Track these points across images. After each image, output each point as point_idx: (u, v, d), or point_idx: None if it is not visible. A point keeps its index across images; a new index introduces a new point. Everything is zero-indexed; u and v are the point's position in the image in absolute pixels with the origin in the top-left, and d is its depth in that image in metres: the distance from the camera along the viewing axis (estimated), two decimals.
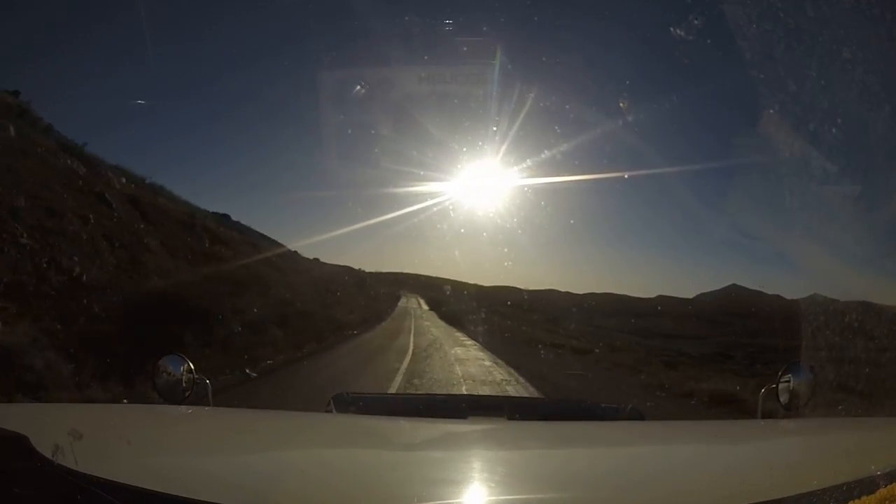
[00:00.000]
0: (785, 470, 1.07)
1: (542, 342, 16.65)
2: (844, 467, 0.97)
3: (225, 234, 16.85)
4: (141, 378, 5.41)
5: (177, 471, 0.99)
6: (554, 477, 1.04)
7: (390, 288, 28.95)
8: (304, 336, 11.98)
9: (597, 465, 1.18)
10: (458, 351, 14.13)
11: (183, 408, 1.56)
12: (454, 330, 20.03)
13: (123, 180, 13.94)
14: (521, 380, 9.83)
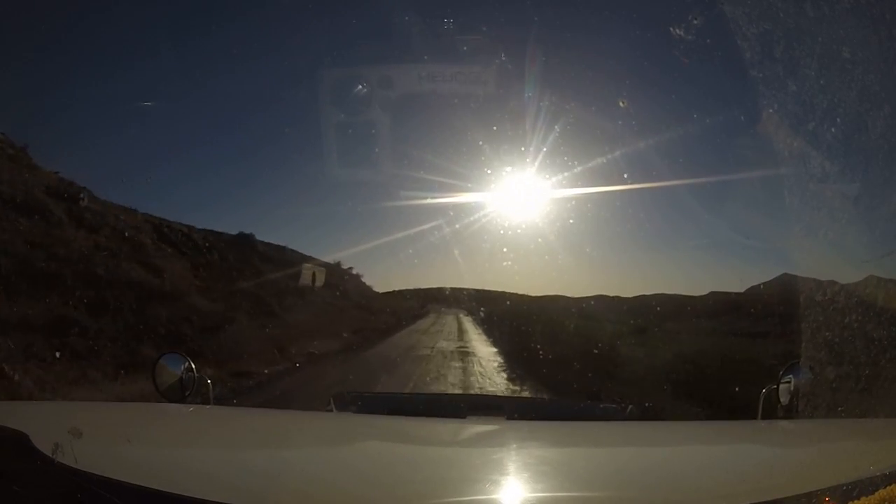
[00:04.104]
0: (785, 470, 1.07)
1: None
2: (844, 468, 0.97)
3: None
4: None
5: (177, 469, 0.99)
6: (553, 477, 1.04)
7: (419, 302, 22.72)
8: None
9: (597, 465, 1.18)
10: None
11: (183, 406, 1.56)
12: None
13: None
14: None
